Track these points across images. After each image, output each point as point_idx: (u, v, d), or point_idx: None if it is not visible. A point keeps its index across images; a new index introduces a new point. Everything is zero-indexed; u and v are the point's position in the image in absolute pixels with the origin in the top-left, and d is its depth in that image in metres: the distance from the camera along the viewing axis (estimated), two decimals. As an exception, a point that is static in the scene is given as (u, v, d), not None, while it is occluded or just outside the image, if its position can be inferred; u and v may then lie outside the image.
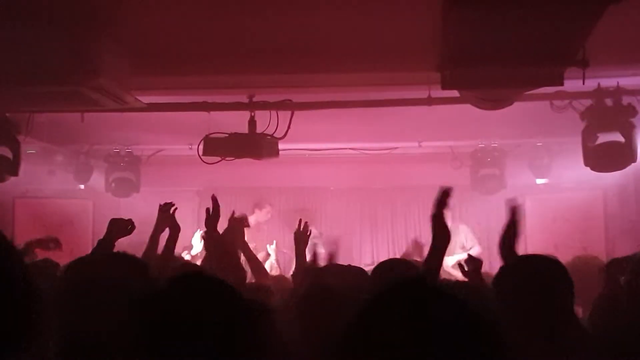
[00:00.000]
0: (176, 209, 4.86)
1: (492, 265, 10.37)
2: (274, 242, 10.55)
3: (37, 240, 6.42)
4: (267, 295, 4.37)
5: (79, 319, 2.65)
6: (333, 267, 4.86)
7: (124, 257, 3.62)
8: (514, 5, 3.65)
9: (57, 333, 2.70)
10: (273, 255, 10.37)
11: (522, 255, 3.37)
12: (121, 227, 4.67)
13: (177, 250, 5.25)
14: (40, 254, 6.26)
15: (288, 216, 11.68)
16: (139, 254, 4.00)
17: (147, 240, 4.86)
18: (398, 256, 11.06)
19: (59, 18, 4.55)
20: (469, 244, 10.16)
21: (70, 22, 4.57)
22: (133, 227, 4.75)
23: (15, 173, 7.18)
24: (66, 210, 10.90)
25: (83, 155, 9.99)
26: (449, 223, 2.93)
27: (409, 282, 1.52)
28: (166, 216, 4.80)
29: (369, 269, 5.06)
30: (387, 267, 4.23)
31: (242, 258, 5.23)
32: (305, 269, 5.09)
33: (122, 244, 4.38)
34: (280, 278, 6.43)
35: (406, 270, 4.06)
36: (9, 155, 7.06)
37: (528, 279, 3.07)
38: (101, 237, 4.58)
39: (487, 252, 10.94)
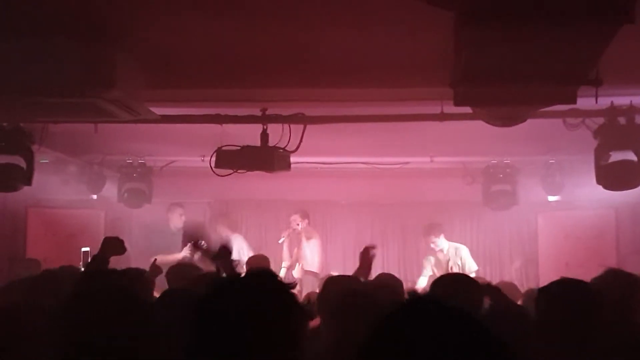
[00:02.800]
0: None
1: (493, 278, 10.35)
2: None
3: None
4: None
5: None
6: None
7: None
8: (527, 23, 3.65)
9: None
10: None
11: (562, 280, 3.37)
12: (115, 246, 4.72)
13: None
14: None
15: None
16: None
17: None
18: (408, 272, 11.11)
19: (75, 30, 4.58)
20: (467, 266, 9.91)
21: (86, 34, 4.60)
22: (124, 248, 4.80)
23: (28, 182, 7.22)
24: (78, 219, 10.95)
25: (96, 165, 10.04)
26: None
27: (423, 300, 1.54)
28: None
29: None
30: (446, 282, 4.19)
31: None
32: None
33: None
34: None
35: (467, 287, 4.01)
36: (23, 164, 7.11)
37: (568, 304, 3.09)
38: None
39: (498, 268, 10.94)
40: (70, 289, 3.55)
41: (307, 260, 10.58)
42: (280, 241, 10.81)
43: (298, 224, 10.72)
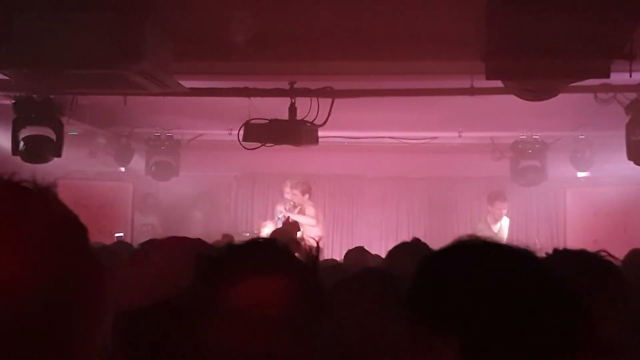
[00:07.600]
0: None
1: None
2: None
3: None
4: None
5: None
6: None
7: None
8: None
9: None
10: None
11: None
12: None
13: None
14: None
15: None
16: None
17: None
18: (435, 247, 11.08)
19: (105, 2, 4.58)
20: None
21: (116, 6, 4.61)
22: None
23: (58, 154, 7.29)
24: (107, 192, 11.04)
25: (124, 138, 10.10)
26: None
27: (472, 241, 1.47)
28: None
29: None
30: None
31: None
32: None
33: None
34: None
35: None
36: (53, 136, 7.17)
37: None
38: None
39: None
40: None
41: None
42: (279, 216, 10.44)
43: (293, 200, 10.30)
